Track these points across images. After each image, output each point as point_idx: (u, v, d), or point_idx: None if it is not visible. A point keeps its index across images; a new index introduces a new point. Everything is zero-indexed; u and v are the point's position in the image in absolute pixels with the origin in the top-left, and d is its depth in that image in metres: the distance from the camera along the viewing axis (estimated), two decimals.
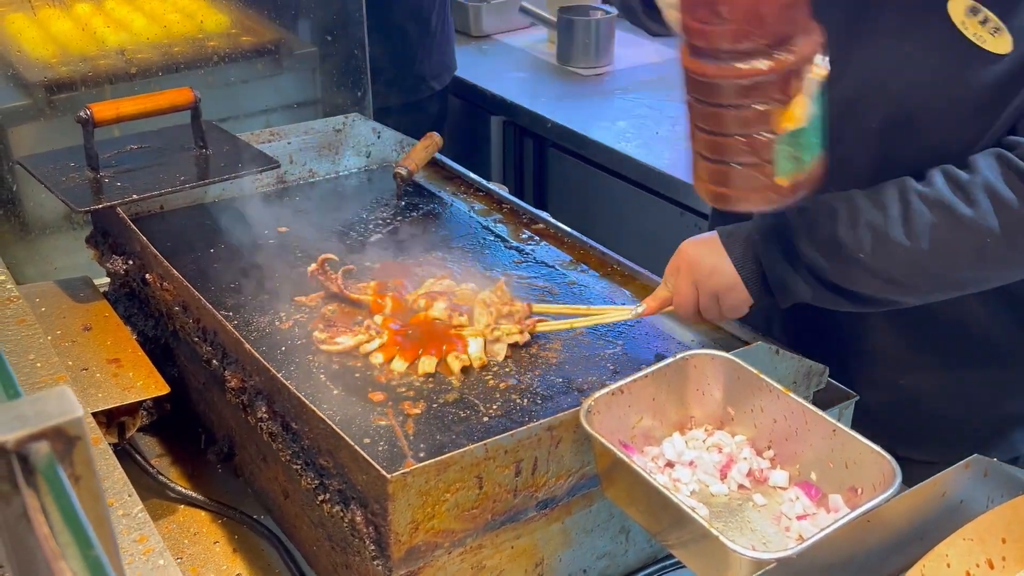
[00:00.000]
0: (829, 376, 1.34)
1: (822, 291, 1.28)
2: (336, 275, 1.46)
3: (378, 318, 1.40)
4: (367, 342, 1.35)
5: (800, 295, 1.28)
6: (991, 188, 1.20)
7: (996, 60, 1.21)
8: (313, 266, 1.47)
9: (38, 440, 0.47)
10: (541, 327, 1.39)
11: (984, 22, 1.20)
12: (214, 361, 1.32)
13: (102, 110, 1.62)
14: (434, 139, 1.89)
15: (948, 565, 0.97)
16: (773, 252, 1.27)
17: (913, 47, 1.26)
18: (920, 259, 1.22)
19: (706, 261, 1.30)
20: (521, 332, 1.37)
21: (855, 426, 1.28)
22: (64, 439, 0.48)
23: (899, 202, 1.22)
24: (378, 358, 1.33)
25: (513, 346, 1.36)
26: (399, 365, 1.31)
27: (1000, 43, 1.20)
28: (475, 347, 1.34)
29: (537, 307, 1.43)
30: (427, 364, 1.31)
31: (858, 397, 1.36)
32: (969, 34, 1.21)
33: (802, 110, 1.05)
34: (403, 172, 1.81)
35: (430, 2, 3.00)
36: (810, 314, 1.37)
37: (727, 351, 1.21)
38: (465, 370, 1.31)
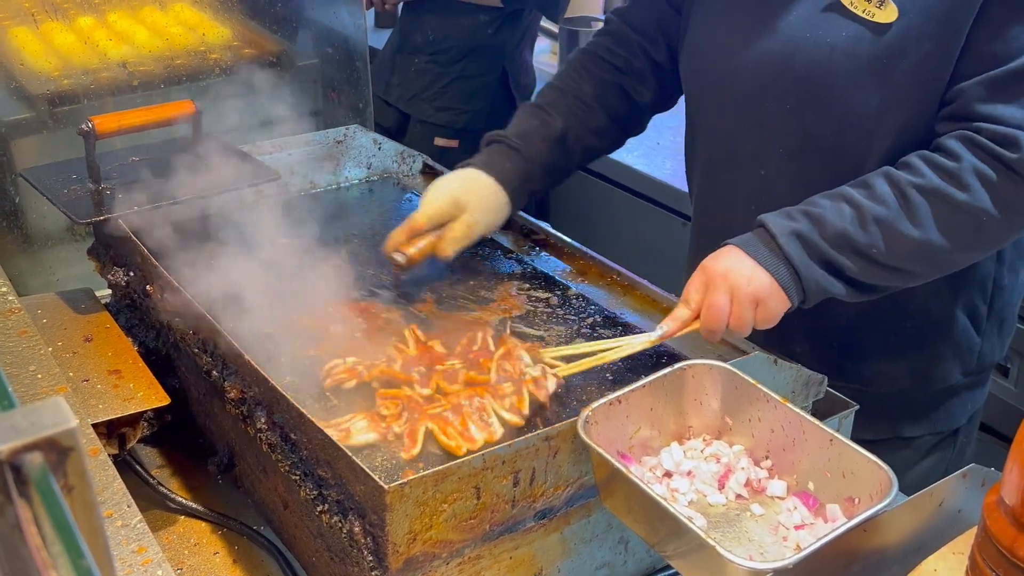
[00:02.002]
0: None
1: (848, 287, 1.32)
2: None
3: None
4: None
5: (832, 290, 1.32)
6: (978, 170, 1.28)
7: (885, 30, 1.33)
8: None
9: (31, 451, 0.47)
10: (564, 372, 1.31)
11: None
12: (214, 372, 1.32)
13: (104, 122, 1.63)
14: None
15: None
16: (801, 254, 1.29)
17: (811, 31, 1.39)
18: (929, 248, 1.30)
19: (741, 271, 1.28)
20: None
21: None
22: (57, 450, 0.49)
23: (896, 195, 1.30)
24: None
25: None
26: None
27: (887, 13, 1.33)
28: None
29: (553, 352, 1.34)
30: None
31: (858, 407, 1.36)
32: (859, 11, 1.35)
33: None
34: (400, 259, 1.53)
35: None
36: None
37: (725, 361, 1.21)
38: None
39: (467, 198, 1.52)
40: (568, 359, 1.34)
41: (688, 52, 1.60)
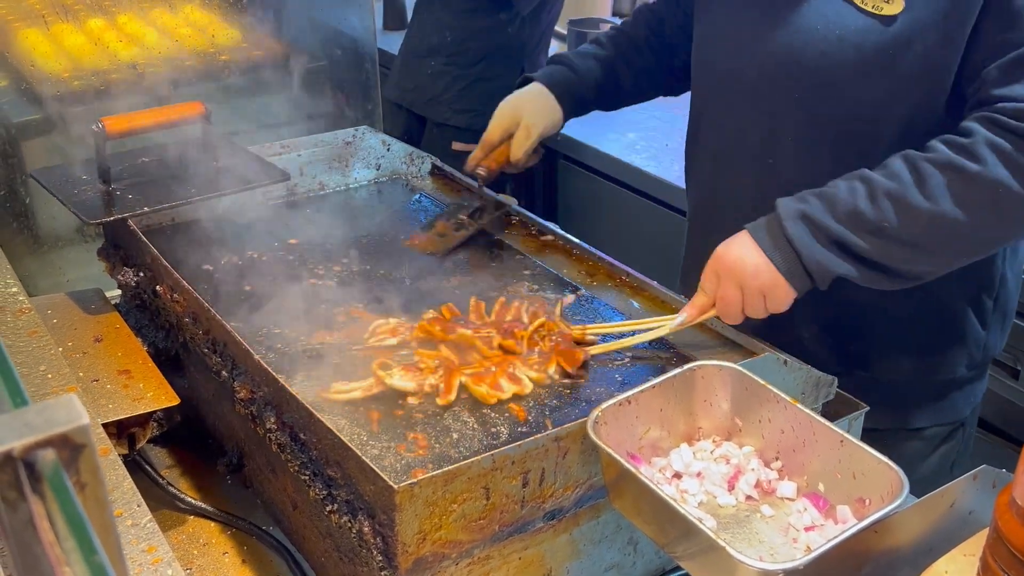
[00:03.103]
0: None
1: (860, 267, 1.32)
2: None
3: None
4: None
5: (839, 270, 1.31)
6: (992, 143, 1.28)
7: (891, 21, 1.36)
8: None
9: (44, 448, 0.48)
10: (596, 350, 1.38)
11: None
12: (223, 372, 1.33)
13: (114, 123, 1.63)
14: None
15: None
16: (804, 236, 1.30)
17: (820, 23, 1.41)
18: (943, 221, 1.28)
19: (747, 262, 1.32)
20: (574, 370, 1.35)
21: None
22: (70, 447, 0.49)
23: (909, 170, 1.30)
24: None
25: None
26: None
27: (893, 6, 1.36)
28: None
29: (587, 329, 1.42)
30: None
31: (868, 408, 1.36)
32: (867, 6, 1.37)
33: None
34: (483, 172, 1.76)
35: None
36: None
37: (734, 362, 1.21)
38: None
39: (521, 106, 1.75)
40: (598, 336, 1.41)
41: (698, 45, 1.64)
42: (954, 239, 1.31)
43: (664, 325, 1.39)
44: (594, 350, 1.38)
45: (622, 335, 1.41)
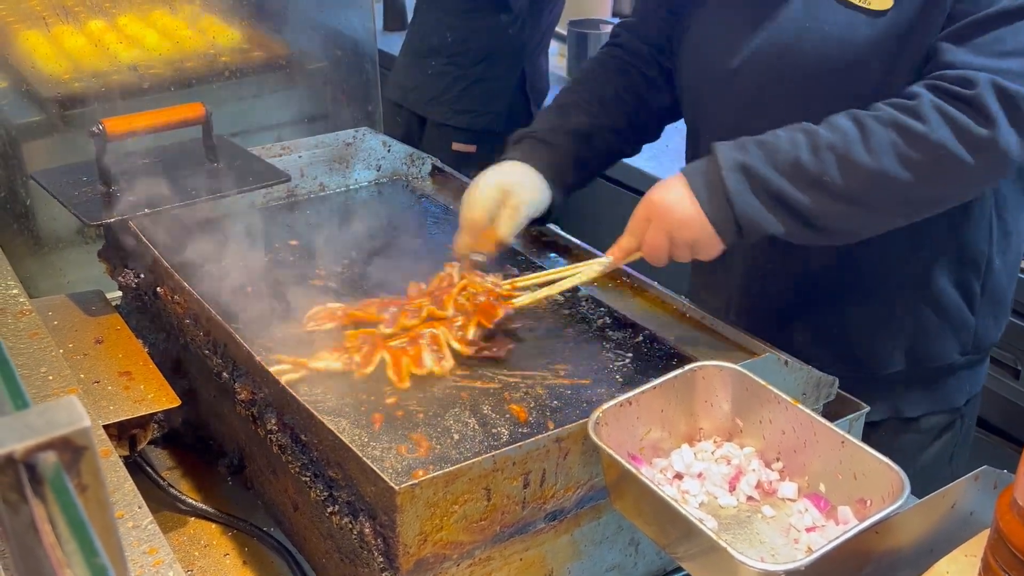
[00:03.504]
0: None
1: (792, 223, 1.32)
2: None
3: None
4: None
5: (770, 228, 1.31)
6: (936, 105, 1.29)
7: (881, 15, 1.37)
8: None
9: (45, 450, 0.48)
10: (522, 302, 1.44)
11: None
12: (224, 373, 1.33)
13: (115, 125, 1.63)
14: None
15: None
16: (741, 188, 1.30)
17: (810, 20, 1.42)
18: (884, 178, 1.29)
19: (677, 212, 1.33)
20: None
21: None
22: (71, 449, 0.49)
23: (855, 125, 1.31)
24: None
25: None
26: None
27: (882, 0, 1.36)
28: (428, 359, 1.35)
29: (511, 283, 1.48)
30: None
31: (868, 408, 1.36)
32: (856, 0, 1.38)
33: None
34: (481, 259, 1.57)
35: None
36: (759, 289, 1.45)
37: (735, 362, 1.21)
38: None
39: (510, 183, 1.57)
40: (527, 290, 1.47)
41: (689, 51, 1.62)
42: (893, 197, 1.32)
43: (591, 267, 1.44)
44: (519, 302, 1.43)
45: (552, 283, 1.46)
